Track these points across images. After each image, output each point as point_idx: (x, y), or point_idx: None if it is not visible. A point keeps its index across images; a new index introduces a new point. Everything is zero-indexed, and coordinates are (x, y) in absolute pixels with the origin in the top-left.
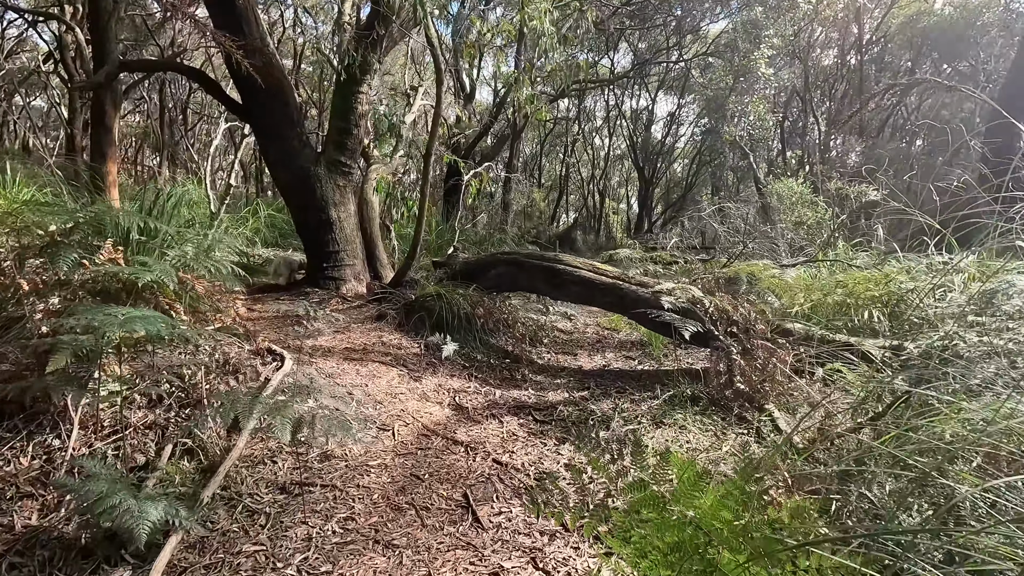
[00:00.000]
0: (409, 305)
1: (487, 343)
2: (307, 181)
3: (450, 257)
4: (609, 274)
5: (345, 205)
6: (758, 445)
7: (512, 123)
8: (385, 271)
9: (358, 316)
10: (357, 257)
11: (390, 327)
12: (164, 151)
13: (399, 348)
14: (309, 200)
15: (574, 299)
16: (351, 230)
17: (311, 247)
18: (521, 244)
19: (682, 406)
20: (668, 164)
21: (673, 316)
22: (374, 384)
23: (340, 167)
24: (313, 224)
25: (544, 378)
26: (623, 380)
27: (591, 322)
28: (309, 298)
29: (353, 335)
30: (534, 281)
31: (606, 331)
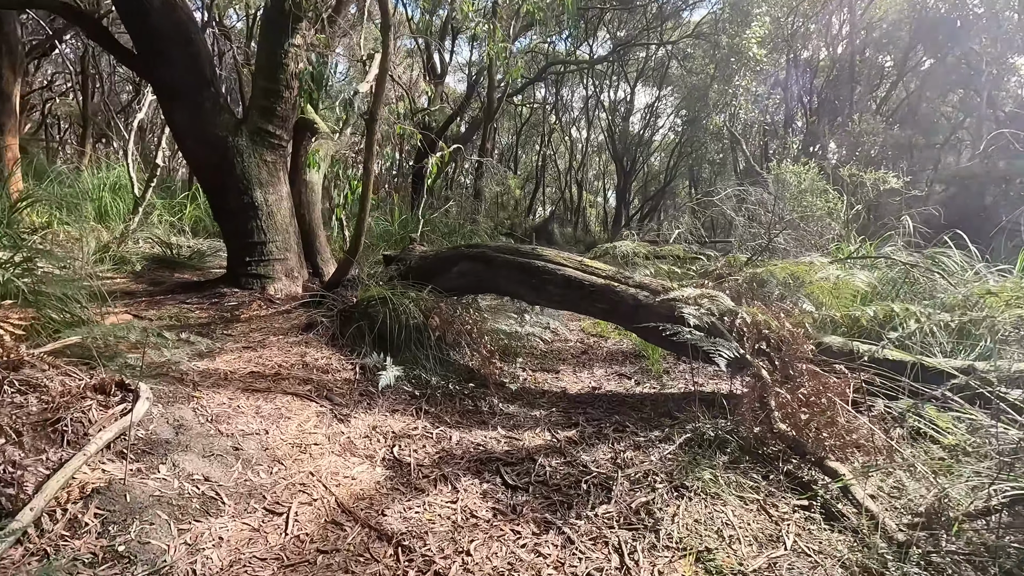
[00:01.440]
0: (346, 312)
1: (445, 361)
2: (224, 154)
3: (405, 251)
4: (601, 273)
5: (275, 186)
6: (831, 529)
7: (486, 105)
8: (327, 267)
9: (281, 325)
10: (291, 250)
11: (319, 341)
12: (88, 128)
13: (325, 371)
14: (227, 179)
15: (556, 304)
16: (283, 217)
17: (231, 237)
18: (495, 237)
19: (706, 455)
20: (647, 156)
21: (697, 335)
22: (279, 429)
23: (268, 138)
24: (233, 209)
25: (518, 408)
26: (620, 410)
27: (574, 327)
28: (224, 301)
29: (267, 352)
30: (506, 281)
31: (592, 338)
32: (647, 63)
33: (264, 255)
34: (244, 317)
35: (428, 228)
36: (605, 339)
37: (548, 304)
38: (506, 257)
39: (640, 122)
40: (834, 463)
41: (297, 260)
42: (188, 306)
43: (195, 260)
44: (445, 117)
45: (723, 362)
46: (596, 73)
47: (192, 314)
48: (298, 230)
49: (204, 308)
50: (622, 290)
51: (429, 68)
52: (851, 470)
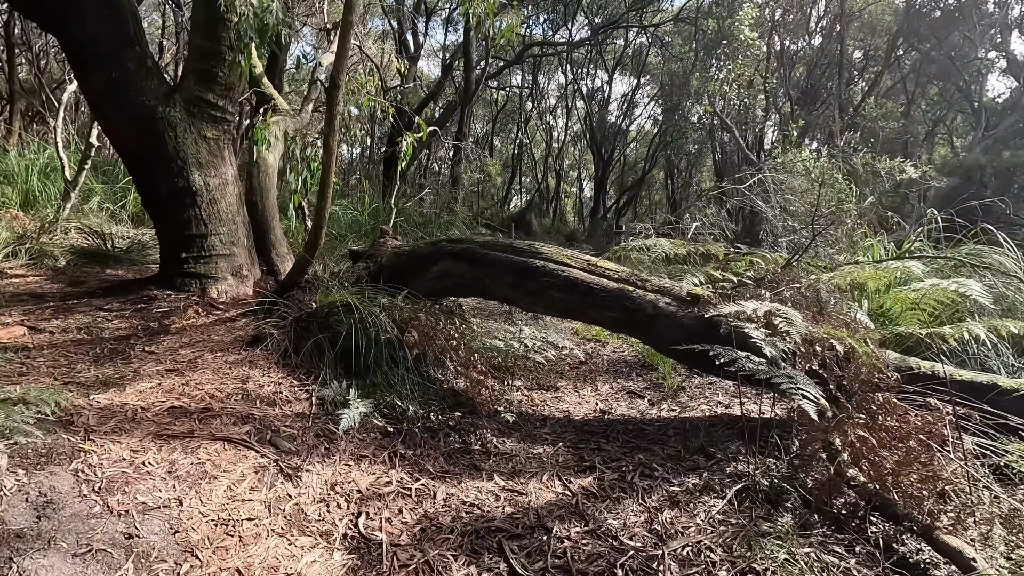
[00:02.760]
0: (302, 322)
1: (426, 383)
2: (152, 128)
3: (375, 246)
4: (613, 275)
5: (217, 167)
6: None
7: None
8: (284, 264)
9: (221, 338)
10: (238, 244)
11: (267, 359)
12: (15, 103)
13: (272, 403)
14: (156, 158)
15: (559, 312)
16: (229, 204)
17: (163, 229)
18: (474, 228)
19: (766, 514)
20: (625, 146)
21: (762, 366)
22: (200, 496)
23: (207, 110)
24: (165, 194)
25: (517, 444)
26: (641, 444)
27: (566, 329)
28: (152, 306)
29: (198, 377)
30: (497, 285)
31: (589, 344)
32: (625, 50)
33: (205, 250)
34: (175, 328)
35: (401, 218)
36: (603, 344)
37: (548, 312)
38: (497, 255)
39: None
40: (952, 539)
41: (247, 256)
42: (105, 313)
43: (134, 254)
44: (419, 100)
45: (812, 408)
46: (574, 60)
47: (107, 324)
48: (248, 221)
49: (125, 316)
50: (639, 296)
51: (401, 45)
52: (982, 550)
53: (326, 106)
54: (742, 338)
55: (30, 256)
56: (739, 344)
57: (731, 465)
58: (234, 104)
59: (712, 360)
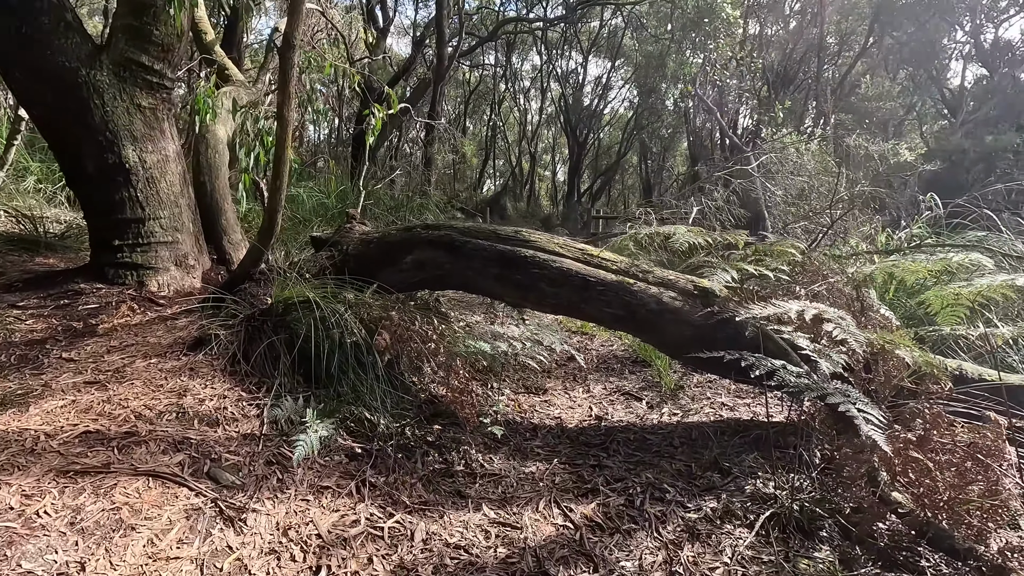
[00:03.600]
0: (254, 321)
1: (399, 394)
2: (73, 93)
3: (340, 232)
4: (611, 266)
5: (155, 141)
6: None
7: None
8: (238, 252)
9: (158, 340)
10: (183, 230)
11: (211, 367)
12: None
13: (214, 423)
14: (80, 129)
15: (550, 307)
16: (171, 184)
17: (92, 213)
18: (448, 212)
19: (800, 546)
20: (599, 129)
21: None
22: (112, 552)
23: (142, 74)
24: (92, 172)
25: (506, 461)
26: (646, 458)
27: (550, 321)
28: (77, 302)
29: (124, 390)
30: (480, 276)
31: (575, 336)
32: (600, 31)
33: (142, 237)
34: (103, 328)
35: (371, 202)
36: (591, 337)
37: (539, 307)
38: (480, 243)
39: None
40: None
41: (193, 243)
42: (18, 311)
43: (70, 240)
44: (388, 77)
45: (882, 438)
46: (548, 41)
47: (19, 325)
48: (195, 203)
49: (43, 314)
50: (641, 290)
51: (369, 16)
52: None
53: (279, 70)
54: (775, 344)
55: None
56: (770, 350)
57: (750, 482)
58: (174, 68)
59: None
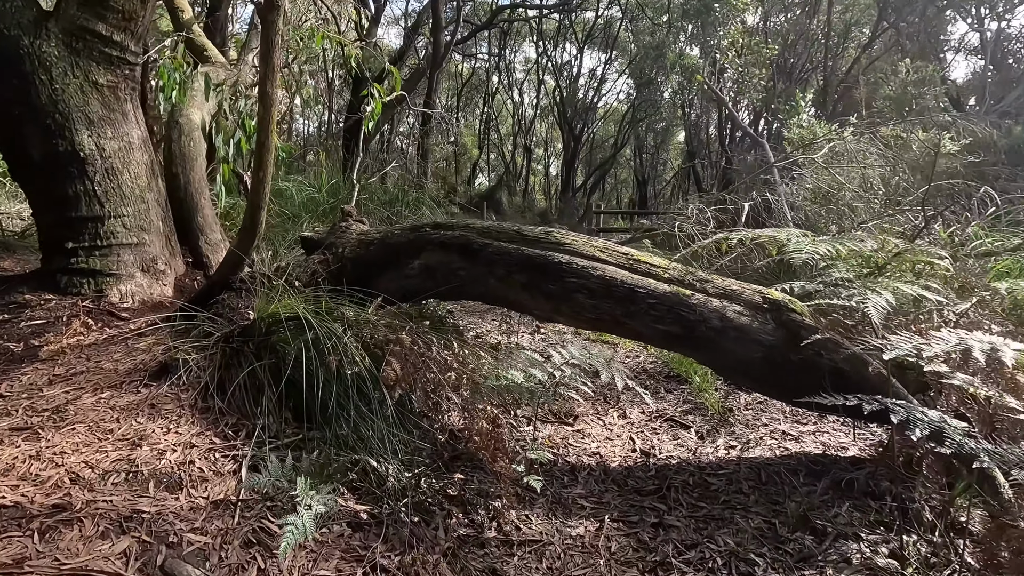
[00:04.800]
0: (233, 342)
1: (412, 440)
2: (14, 66)
3: (335, 231)
4: (662, 274)
5: (116, 125)
6: None
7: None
8: (216, 255)
9: (115, 367)
10: (150, 229)
11: (177, 402)
12: None
13: (175, 486)
14: (22, 107)
15: (588, 323)
16: (136, 176)
17: (41, 208)
18: (445, 207)
19: None
20: (595, 122)
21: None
22: None
23: (98, 45)
24: (39, 159)
25: (547, 522)
26: (714, 512)
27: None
28: (20, 317)
29: (61, 439)
30: (503, 285)
31: (595, 346)
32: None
33: (101, 238)
34: (47, 351)
35: (365, 196)
36: (613, 346)
37: (573, 322)
38: (503, 247)
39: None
40: None
41: (163, 245)
42: None
43: (31, 240)
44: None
45: None
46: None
47: None
48: (166, 198)
49: None
50: (700, 303)
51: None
52: None
53: (260, 38)
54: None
55: None
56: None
57: (852, 547)
58: (137, 40)
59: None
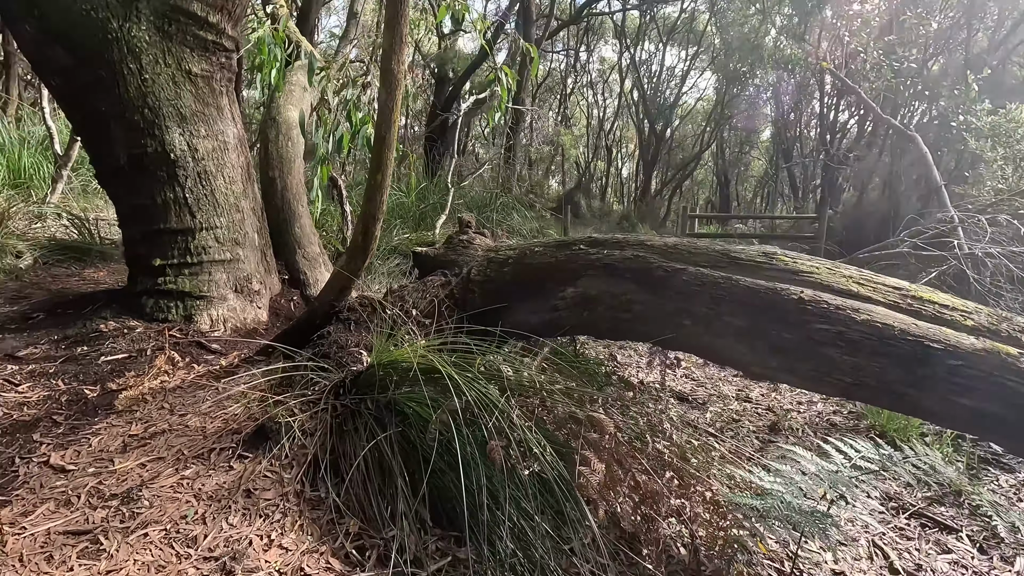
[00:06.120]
0: (344, 396)
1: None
2: (100, 54)
3: (454, 246)
4: (962, 319)
5: (211, 122)
6: None
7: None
8: (315, 272)
9: (202, 425)
10: (245, 243)
11: (279, 487)
12: (12, 67)
13: None
14: (108, 104)
15: (841, 389)
16: (230, 181)
17: (126, 218)
18: (536, 212)
19: None
20: (677, 121)
21: None
22: None
23: (193, 28)
24: (126, 162)
25: None
26: None
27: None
28: (99, 348)
29: (126, 551)
30: (705, 329)
31: (754, 389)
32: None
33: (192, 254)
34: (126, 398)
35: (460, 201)
36: (777, 392)
37: (815, 385)
38: (703, 273)
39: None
40: None
41: (259, 261)
42: (15, 366)
43: None
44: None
45: None
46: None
47: (13, 391)
48: (262, 206)
49: (50, 371)
50: None
51: None
52: None
53: (384, 30)
54: None
55: None
56: None
57: None
58: (235, 23)
59: None
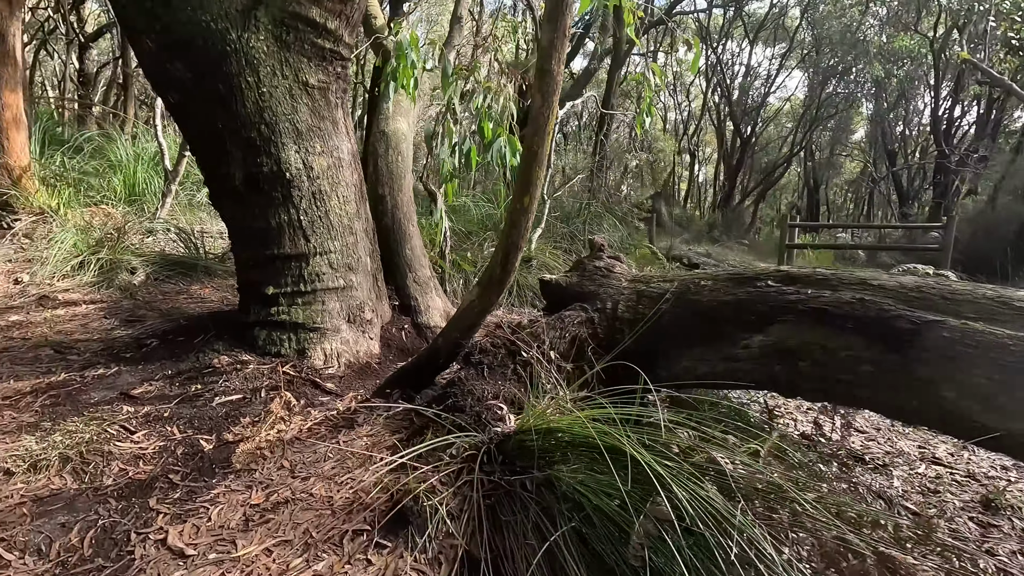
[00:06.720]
0: (493, 472)
1: None
2: (217, 66)
3: (589, 275)
4: None
5: (326, 137)
6: None
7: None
8: (426, 297)
9: (326, 493)
10: (358, 268)
11: None
12: (130, 86)
13: None
14: (226, 118)
15: None
16: (344, 201)
17: (238, 243)
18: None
19: None
20: (765, 123)
21: None
22: None
23: (311, 36)
24: (241, 182)
25: None
26: None
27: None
28: (212, 387)
29: None
30: (985, 402)
31: None
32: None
33: (305, 281)
34: (243, 453)
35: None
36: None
37: None
38: (975, 331)
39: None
40: None
41: (371, 287)
42: (135, 405)
43: (229, 263)
44: None
45: None
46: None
47: (128, 440)
48: (373, 226)
49: (165, 414)
50: None
51: None
52: None
53: (546, 18)
54: None
55: (100, 269)
56: None
57: None
58: (352, 30)
59: None
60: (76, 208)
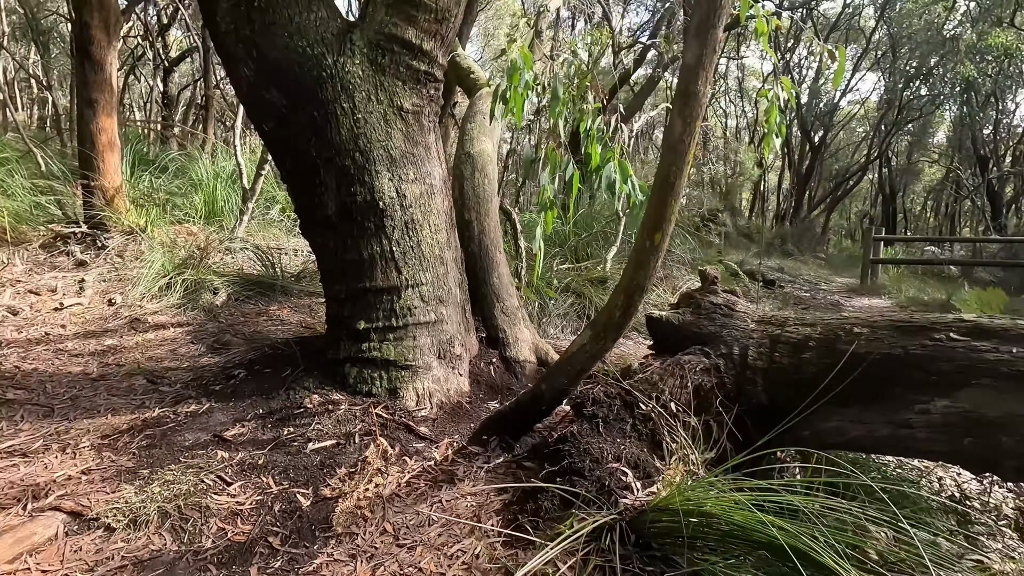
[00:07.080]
0: (630, 559)
1: None
2: (313, 92)
3: (706, 311)
4: None
5: (419, 163)
6: None
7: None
8: (514, 329)
9: (440, 564)
10: (448, 300)
11: None
12: (211, 107)
13: None
14: (320, 146)
15: None
16: (435, 229)
17: (329, 276)
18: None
19: None
20: (839, 128)
21: None
22: None
23: (406, 58)
24: (334, 212)
25: None
26: None
27: None
28: (303, 431)
29: None
30: None
31: None
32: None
33: (398, 315)
34: (342, 512)
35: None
36: None
37: None
38: None
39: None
40: None
41: (460, 319)
42: (228, 450)
43: (305, 282)
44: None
45: None
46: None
47: (223, 493)
48: (462, 255)
49: (259, 462)
50: None
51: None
52: None
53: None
54: None
55: (186, 290)
56: None
57: None
58: (446, 51)
59: None
60: (162, 226)
